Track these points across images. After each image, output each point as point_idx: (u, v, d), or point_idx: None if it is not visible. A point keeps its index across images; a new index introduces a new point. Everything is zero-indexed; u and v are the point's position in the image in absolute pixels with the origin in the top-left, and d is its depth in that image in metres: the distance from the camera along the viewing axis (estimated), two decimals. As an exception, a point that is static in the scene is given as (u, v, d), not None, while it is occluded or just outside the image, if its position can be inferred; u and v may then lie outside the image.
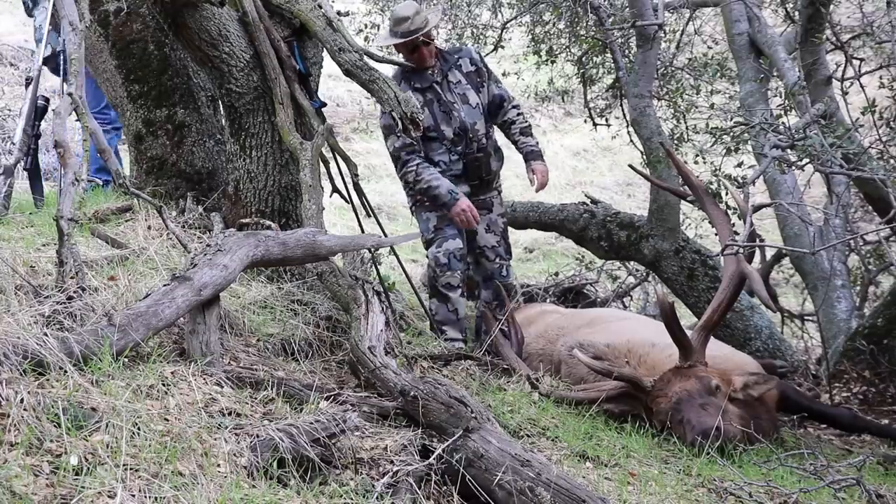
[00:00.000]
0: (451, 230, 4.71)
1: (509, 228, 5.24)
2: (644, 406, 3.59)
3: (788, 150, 4.27)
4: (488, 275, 4.96)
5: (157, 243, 3.58)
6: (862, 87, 5.31)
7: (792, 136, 4.14)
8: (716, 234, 4.16)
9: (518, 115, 4.97)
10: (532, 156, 4.90)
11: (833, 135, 4.10)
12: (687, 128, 7.02)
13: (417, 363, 3.49)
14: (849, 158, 4.17)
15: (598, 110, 7.66)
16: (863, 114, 4.49)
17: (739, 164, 4.57)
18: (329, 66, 4.00)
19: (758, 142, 4.61)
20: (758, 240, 4.14)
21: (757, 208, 3.99)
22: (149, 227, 3.91)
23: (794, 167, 4.51)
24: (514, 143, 4.98)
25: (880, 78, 4.94)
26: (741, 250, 3.61)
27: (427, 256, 4.81)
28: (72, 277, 2.65)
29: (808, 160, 4.21)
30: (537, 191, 4.86)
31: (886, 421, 4.25)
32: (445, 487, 2.25)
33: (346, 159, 3.80)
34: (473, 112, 4.80)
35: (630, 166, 5.00)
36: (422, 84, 4.73)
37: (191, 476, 1.88)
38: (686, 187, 4.41)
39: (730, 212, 4.25)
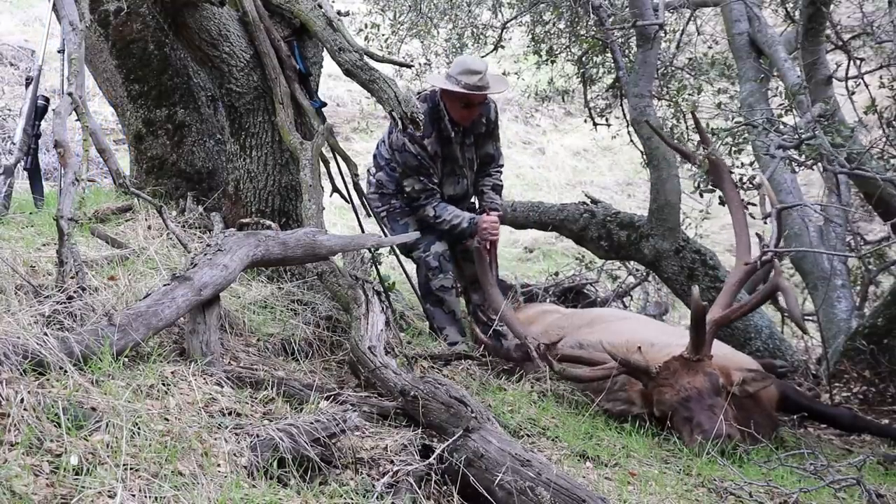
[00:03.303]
0: (433, 233, 4.67)
1: (510, 228, 5.23)
2: (643, 394, 3.60)
3: (794, 150, 4.27)
4: (475, 276, 4.94)
5: (157, 243, 3.58)
6: (866, 85, 5.32)
7: (799, 135, 4.13)
8: (721, 203, 4.16)
9: (497, 171, 4.93)
10: (492, 207, 4.83)
11: (839, 135, 4.10)
12: (687, 128, 7.03)
13: (417, 363, 3.49)
14: (851, 158, 4.17)
15: (598, 110, 7.66)
16: (865, 113, 4.49)
17: (741, 165, 4.57)
18: (329, 65, 4.00)
19: (762, 142, 4.60)
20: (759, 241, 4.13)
21: (782, 209, 3.98)
22: (149, 227, 3.91)
23: (803, 167, 4.50)
24: (481, 193, 4.91)
25: (880, 78, 4.94)
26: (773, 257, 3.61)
27: (415, 259, 4.72)
28: (72, 277, 2.65)
29: (814, 160, 4.20)
30: (479, 243, 4.63)
31: (886, 421, 4.25)
32: (445, 487, 2.25)
33: (346, 159, 3.80)
34: (471, 174, 4.82)
35: (646, 122, 4.89)
36: (446, 135, 4.61)
37: (191, 476, 1.88)
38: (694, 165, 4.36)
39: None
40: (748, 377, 3.60)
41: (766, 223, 3.98)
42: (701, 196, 4.47)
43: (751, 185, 4.21)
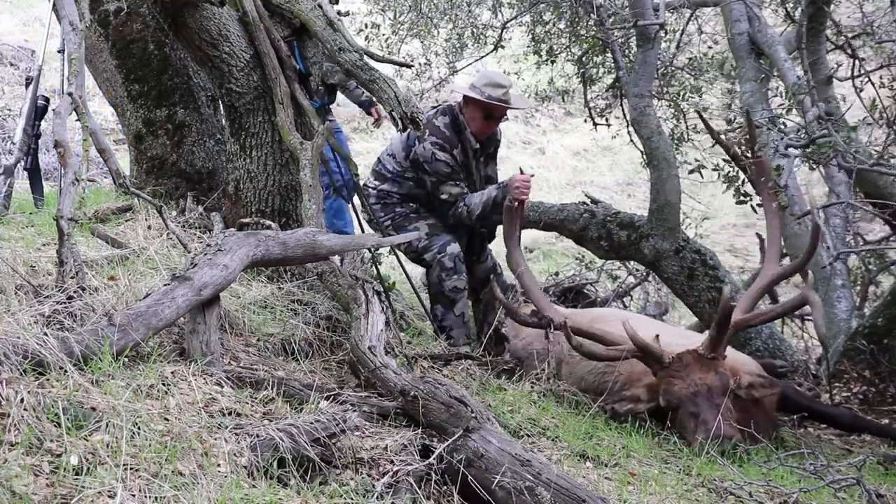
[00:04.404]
0: (447, 235, 4.69)
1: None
2: (649, 388, 3.60)
3: (801, 150, 4.26)
4: (485, 276, 4.96)
5: (157, 243, 3.58)
6: (873, 84, 5.31)
7: (809, 134, 4.13)
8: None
9: None
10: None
11: (846, 134, 4.11)
12: (687, 127, 7.02)
13: (417, 363, 3.49)
14: (855, 157, 4.17)
15: (598, 110, 7.65)
16: (869, 112, 4.49)
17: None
18: (329, 65, 4.00)
19: (771, 143, 4.59)
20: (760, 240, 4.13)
21: (822, 208, 3.99)
22: (149, 227, 3.91)
23: (819, 164, 4.49)
24: None
25: (881, 78, 4.94)
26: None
27: (427, 261, 4.73)
28: (72, 277, 2.65)
29: (827, 159, 4.19)
30: (510, 202, 4.62)
31: (886, 421, 4.24)
32: (445, 487, 2.25)
33: (347, 159, 3.80)
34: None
35: (700, 116, 4.87)
36: (466, 147, 4.69)
37: (191, 476, 1.88)
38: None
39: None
40: (756, 382, 3.63)
41: (798, 224, 3.98)
42: (746, 204, 4.48)
43: (778, 187, 4.19)
